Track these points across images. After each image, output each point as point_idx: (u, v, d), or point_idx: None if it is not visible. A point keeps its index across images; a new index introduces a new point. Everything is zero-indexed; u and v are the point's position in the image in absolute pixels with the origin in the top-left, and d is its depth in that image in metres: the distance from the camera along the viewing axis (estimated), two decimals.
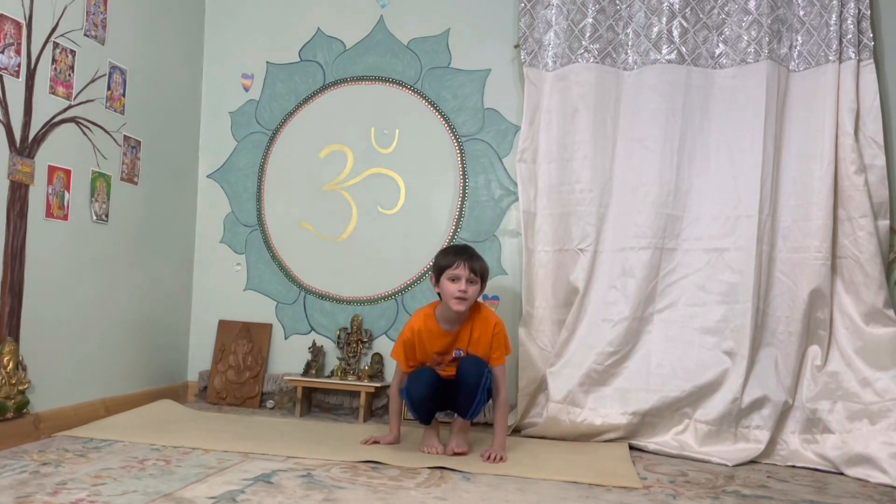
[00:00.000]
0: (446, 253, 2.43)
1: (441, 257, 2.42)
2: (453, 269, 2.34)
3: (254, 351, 3.23)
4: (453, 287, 2.33)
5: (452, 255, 2.39)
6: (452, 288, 2.33)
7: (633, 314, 2.74)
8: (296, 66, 3.33)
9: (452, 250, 2.43)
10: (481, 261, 2.41)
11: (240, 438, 2.41)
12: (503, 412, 2.40)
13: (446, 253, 2.43)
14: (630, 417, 2.67)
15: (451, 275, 2.34)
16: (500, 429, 2.39)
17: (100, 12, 2.61)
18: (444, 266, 2.37)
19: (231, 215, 3.35)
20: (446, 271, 2.35)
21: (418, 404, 2.37)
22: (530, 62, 2.95)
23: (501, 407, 2.40)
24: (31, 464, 1.96)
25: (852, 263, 2.62)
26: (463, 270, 2.33)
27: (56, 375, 2.42)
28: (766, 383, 2.61)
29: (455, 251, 2.41)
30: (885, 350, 2.52)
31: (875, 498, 2.13)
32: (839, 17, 2.68)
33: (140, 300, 2.92)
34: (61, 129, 2.43)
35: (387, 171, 3.23)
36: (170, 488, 1.79)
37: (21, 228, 2.27)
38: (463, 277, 2.33)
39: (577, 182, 2.85)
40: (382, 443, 2.46)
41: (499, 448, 2.33)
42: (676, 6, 2.83)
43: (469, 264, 2.35)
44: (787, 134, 2.75)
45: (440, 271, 2.38)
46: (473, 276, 2.35)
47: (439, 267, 2.39)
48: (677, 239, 2.78)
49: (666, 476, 2.25)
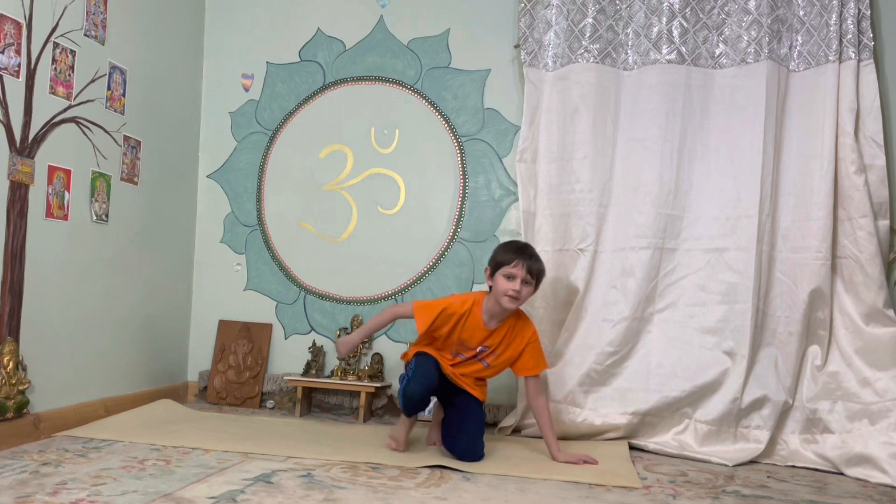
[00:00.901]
0: (507, 249, 2.39)
1: (501, 252, 2.39)
2: (511, 267, 2.31)
3: (254, 351, 3.23)
4: (507, 285, 2.30)
5: (512, 252, 2.35)
6: (507, 286, 2.30)
7: (633, 314, 2.74)
8: (296, 66, 3.33)
9: (513, 248, 2.39)
10: (539, 262, 2.38)
11: (240, 438, 2.41)
12: (551, 419, 2.41)
13: (507, 249, 2.39)
14: (630, 417, 2.68)
15: (507, 272, 2.31)
16: (553, 434, 2.39)
17: (100, 12, 2.61)
18: (503, 262, 2.33)
19: (231, 215, 3.35)
20: (503, 267, 2.32)
21: (411, 396, 2.33)
22: (530, 62, 2.95)
23: (549, 414, 2.41)
24: (31, 464, 1.96)
25: (852, 263, 2.62)
26: (520, 270, 2.31)
27: (56, 375, 2.42)
28: (766, 383, 2.61)
29: (515, 249, 2.37)
30: (885, 350, 2.52)
31: (875, 498, 2.13)
32: (839, 17, 2.68)
33: (140, 300, 2.92)
34: (61, 129, 2.43)
35: (387, 171, 3.23)
36: (170, 488, 1.79)
37: (21, 228, 2.26)
38: (519, 277, 2.30)
39: (577, 182, 2.85)
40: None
41: (570, 453, 2.35)
42: (676, 6, 2.83)
43: (528, 265, 2.32)
44: (787, 134, 2.75)
45: (497, 266, 2.34)
46: (530, 277, 2.33)
47: (497, 262, 2.36)
48: (677, 239, 2.78)
49: (666, 476, 2.25)
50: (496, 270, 2.35)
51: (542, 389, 2.46)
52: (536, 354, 2.44)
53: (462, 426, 2.36)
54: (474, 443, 2.32)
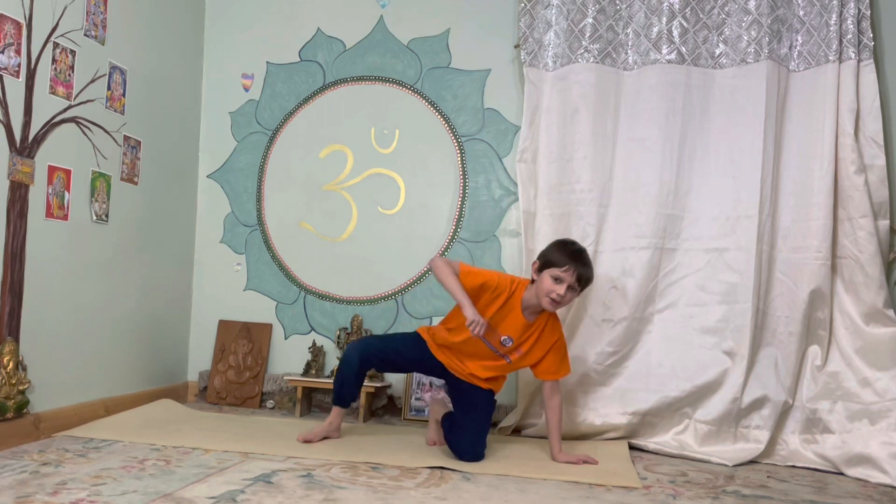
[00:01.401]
0: (562, 251, 2.32)
1: (555, 252, 2.33)
2: (561, 271, 2.27)
3: (254, 351, 3.23)
4: (553, 287, 2.27)
5: (567, 255, 2.30)
6: (552, 287, 2.27)
7: (633, 314, 2.74)
8: (296, 66, 3.33)
9: (569, 251, 2.32)
10: (590, 269, 2.35)
11: (240, 438, 2.41)
12: (561, 419, 2.42)
13: (562, 251, 2.32)
14: (630, 417, 2.68)
15: (556, 274, 2.27)
16: (559, 434, 2.40)
17: (100, 12, 2.61)
18: (554, 263, 2.29)
19: (231, 215, 3.35)
20: (553, 268, 2.28)
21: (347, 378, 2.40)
22: (530, 62, 2.95)
23: (560, 415, 2.42)
24: (31, 464, 1.96)
25: (852, 263, 2.62)
26: (570, 276, 2.27)
27: (56, 375, 2.42)
28: (766, 383, 2.61)
29: (571, 254, 2.31)
30: (885, 350, 2.52)
31: (875, 498, 2.13)
32: (839, 17, 2.68)
33: (140, 300, 2.92)
34: (61, 129, 2.43)
35: (387, 171, 3.23)
36: (170, 488, 1.79)
37: (21, 228, 2.27)
38: (566, 283, 2.27)
39: (577, 182, 2.85)
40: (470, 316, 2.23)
41: (570, 453, 2.36)
42: (676, 6, 2.83)
43: (578, 272, 2.29)
44: (787, 134, 2.75)
45: (547, 264, 2.30)
46: (577, 284, 2.30)
47: (548, 260, 2.31)
48: (677, 239, 2.78)
49: (666, 476, 2.25)
50: (545, 268, 2.30)
51: (558, 389, 2.45)
52: (560, 358, 2.43)
53: (465, 423, 2.35)
54: (475, 443, 2.31)
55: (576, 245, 2.40)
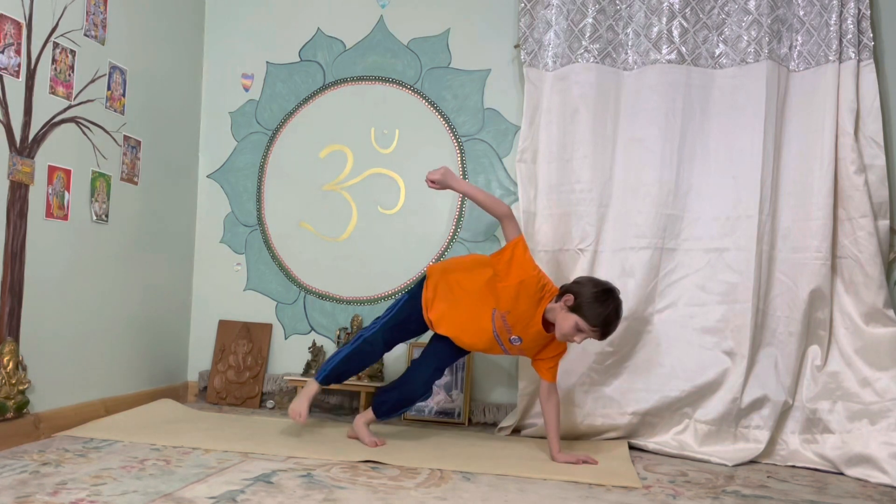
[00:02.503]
0: (597, 311, 2.21)
1: (592, 306, 2.21)
2: (590, 329, 2.22)
3: (254, 351, 3.23)
4: (573, 334, 2.23)
5: (601, 320, 2.21)
6: (572, 333, 2.23)
7: (633, 314, 2.74)
8: (296, 66, 3.33)
9: (604, 315, 2.22)
10: (616, 327, 2.29)
11: (240, 438, 2.41)
12: (559, 419, 2.44)
13: (597, 311, 2.21)
14: (630, 417, 2.68)
15: (582, 326, 2.22)
16: (557, 434, 2.41)
17: (100, 12, 2.61)
18: (585, 317, 2.21)
19: (231, 215, 3.35)
20: (584, 321, 2.21)
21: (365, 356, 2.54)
22: (530, 62, 2.95)
23: (558, 415, 2.44)
24: (31, 464, 1.96)
25: (852, 263, 2.62)
26: (595, 336, 2.27)
27: (56, 375, 2.42)
28: (766, 383, 2.61)
29: (605, 319, 2.22)
30: (885, 350, 2.52)
31: (875, 498, 2.13)
32: (839, 17, 2.68)
33: (140, 300, 2.92)
34: (61, 129, 2.43)
35: (387, 171, 3.23)
36: (170, 488, 1.79)
37: (21, 228, 2.27)
38: (587, 336, 2.26)
39: (577, 182, 2.85)
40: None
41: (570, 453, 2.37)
42: (676, 6, 2.83)
43: (604, 336, 2.28)
44: (787, 134, 2.75)
45: (578, 310, 2.21)
46: (599, 338, 2.31)
47: (582, 311, 2.21)
48: (677, 239, 2.78)
49: (666, 476, 2.25)
50: (575, 311, 2.22)
51: (555, 389, 2.46)
52: (558, 362, 2.46)
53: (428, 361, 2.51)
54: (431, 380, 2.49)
55: (614, 305, 2.26)
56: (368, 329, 2.55)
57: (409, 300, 2.56)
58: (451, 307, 2.46)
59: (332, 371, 2.50)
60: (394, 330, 2.54)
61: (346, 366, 2.51)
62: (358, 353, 2.51)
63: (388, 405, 2.48)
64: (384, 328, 2.52)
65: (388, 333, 2.53)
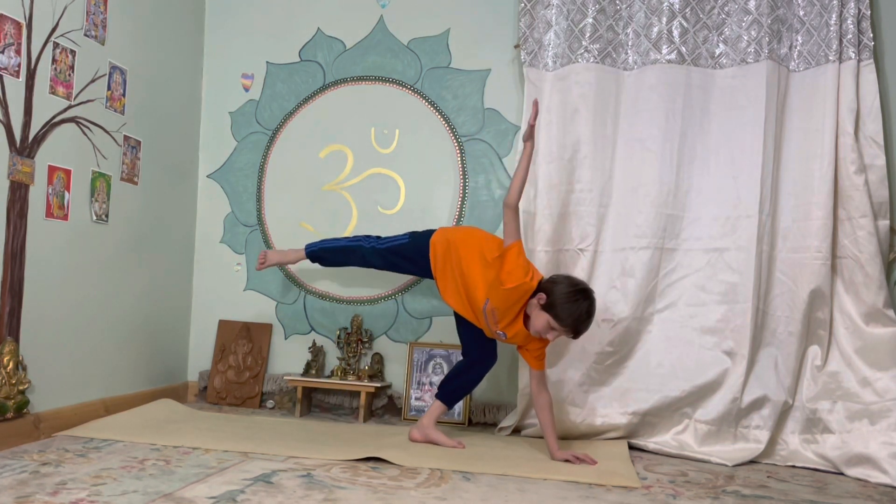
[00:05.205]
0: (569, 312, 2.26)
1: (564, 305, 2.25)
2: (561, 328, 2.28)
3: (254, 351, 3.23)
4: (546, 331, 2.29)
5: (572, 321, 2.26)
6: (545, 330, 2.29)
7: (633, 314, 2.74)
8: (296, 66, 3.33)
9: (574, 316, 2.26)
10: (587, 328, 2.34)
11: (240, 438, 2.41)
12: (552, 416, 2.45)
13: (569, 312, 2.26)
14: (630, 417, 2.68)
15: (554, 325, 2.28)
16: (553, 431, 2.42)
17: (100, 12, 2.61)
18: (557, 317, 2.26)
19: (231, 215, 3.35)
20: (555, 320, 2.26)
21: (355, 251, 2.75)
22: (530, 62, 2.95)
23: (551, 411, 2.44)
24: (31, 464, 1.96)
25: (852, 263, 2.62)
26: (568, 335, 2.33)
27: (56, 375, 2.42)
28: (766, 383, 2.61)
29: (575, 320, 2.26)
30: (885, 350, 2.52)
31: (875, 498, 2.13)
32: (839, 17, 2.68)
33: (140, 300, 2.92)
34: (61, 129, 2.43)
35: (387, 171, 3.23)
36: (170, 488, 1.79)
37: (21, 228, 2.26)
38: (560, 335, 2.31)
39: (577, 182, 2.85)
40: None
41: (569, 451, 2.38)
42: (676, 6, 2.83)
43: (576, 335, 2.34)
44: (787, 134, 2.75)
45: (551, 308, 2.26)
46: (569, 337, 2.36)
47: (555, 311, 2.26)
48: (677, 239, 2.78)
49: (666, 476, 2.25)
50: (548, 309, 2.27)
51: (545, 386, 2.47)
52: (541, 354, 2.46)
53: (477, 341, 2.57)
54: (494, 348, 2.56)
55: (586, 305, 2.30)
56: (369, 241, 2.71)
57: (411, 243, 2.64)
58: (453, 284, 2.52)
59: (321, 251, 2.79)
60: (397, 256, 2.65)
61: (334, 255, 2.80)
62: (353, 251, 2.72)
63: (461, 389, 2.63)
64: (389, 251, 2.64)
65: (391, 257, 2.66)
